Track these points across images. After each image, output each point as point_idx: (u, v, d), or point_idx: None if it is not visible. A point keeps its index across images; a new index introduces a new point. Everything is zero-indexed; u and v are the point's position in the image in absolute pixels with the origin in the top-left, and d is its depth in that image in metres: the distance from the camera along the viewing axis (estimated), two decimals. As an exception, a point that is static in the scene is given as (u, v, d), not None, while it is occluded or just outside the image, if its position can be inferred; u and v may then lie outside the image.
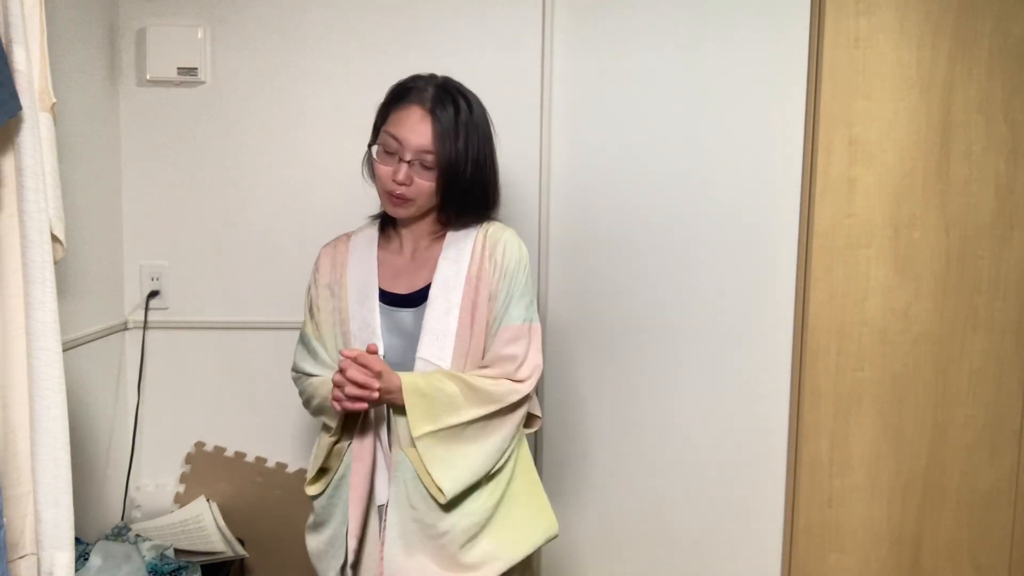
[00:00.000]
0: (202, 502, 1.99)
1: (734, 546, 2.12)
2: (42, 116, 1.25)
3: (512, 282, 1.44)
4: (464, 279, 1.43)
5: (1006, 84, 2.00)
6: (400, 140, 1.37)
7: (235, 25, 1.95)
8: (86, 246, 1.79)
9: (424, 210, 1.44)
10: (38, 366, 1.20)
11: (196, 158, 1.98)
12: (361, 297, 1.46)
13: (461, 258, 1.45)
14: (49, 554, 1.22)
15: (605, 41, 2.00)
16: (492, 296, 1.43)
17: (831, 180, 2.02)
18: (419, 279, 1.47)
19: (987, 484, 2.09)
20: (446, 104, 1.38)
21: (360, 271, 1.49)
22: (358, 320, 1.45)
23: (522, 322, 1.44)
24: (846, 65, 1.99)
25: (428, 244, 1.50)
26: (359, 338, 1.44)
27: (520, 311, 1.44)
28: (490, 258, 1.44)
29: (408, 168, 1.37)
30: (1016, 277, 2.05)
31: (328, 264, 1.53)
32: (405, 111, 1.38)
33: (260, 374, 2.02)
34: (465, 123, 1.38)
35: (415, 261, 1.49)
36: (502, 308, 1.43)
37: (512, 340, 1.42)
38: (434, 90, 1.39)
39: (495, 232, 1.48)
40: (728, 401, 2.08)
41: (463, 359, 1.42)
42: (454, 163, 1.37)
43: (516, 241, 1.48)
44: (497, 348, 1.42)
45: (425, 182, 1.39)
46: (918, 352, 2.06)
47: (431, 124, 1.36)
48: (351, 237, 1.56)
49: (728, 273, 2.05)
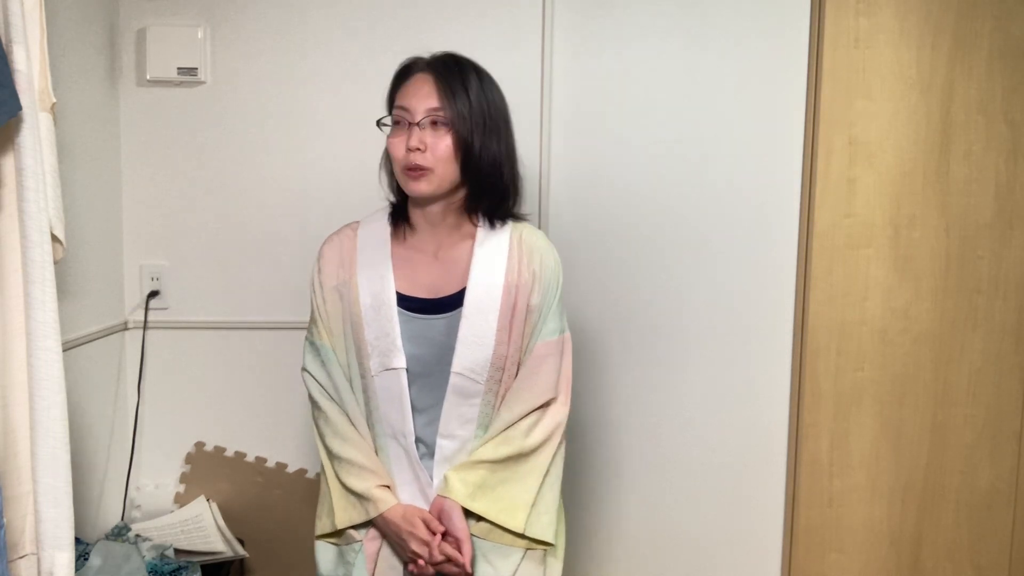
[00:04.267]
0: (202, 502, 1.99)
1: (734, 546, 2.12)
2: (42, 116, 1.25)
3: (551, 295, 1.37)
4: (503, 287, 1.33)
5: (1006, 84, 2.00)
6: (407, 107, 1.28)
7: (235, 25, 1.95)
8: (86, 246, 1.79)
9: (445, 187, 1.31)
10: (38, 366, 1.20)
11: (196, 158, 1.98)
12: (376, 302, 1.34)
13: (496, 262, 1.35)
14: (49, 554, 1.21)
15: (605, 41, 2.00)
16: (529, 308, 1.35)
17: (831, 180, 2.02)
18: (447, 282, 1.35)
19: (987, 484, 2.09)
20: (450, 66, 1.31)
21: (373, 271, 1.36)
22: (374, 329, 1.33)
23: (557, 336, 1.38)
24: (846, 65, 1.99)
25: (454, 243, 1.37)
26: (377, 348, 1.32)
27: (555, 324, 1.38)
28: (528, 266, 1.35)
29: (419, 132, 1.27)
30: (1016, 277, 2.05)
31: (335, 262, 1.39)
32: (409, 81, 1.31)
33: (260, 374, 2.02)
34: (475, 87, 1.30)
35: (440, 261, 1.37)
36: (539, 323, 1.36)
37: (547, 356, 1.36)
38: (435, 57, 1.33)
39: (531, 237, 1.39)
40: (728, 401, 2.08)
41: (500, 372, 1.34)
42: (465, 119, 1.27)
43: (553, 251, 1.41)
44: (533, 367, 1.35)
45: (440, 143, 1.27)
46: (918, 352, 2.06)
47: (435, 83, 1.28)
48: (357, 229, 1.42)
49: (728, 273, 2.05)
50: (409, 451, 1.34)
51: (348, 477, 1.34)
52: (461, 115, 1.27)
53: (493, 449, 1.33)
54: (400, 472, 1.36)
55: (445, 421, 1.34)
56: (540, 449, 1.35)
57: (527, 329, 1.35)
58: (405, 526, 1.30)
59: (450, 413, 1.34)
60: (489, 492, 1.32)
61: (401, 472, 1.36)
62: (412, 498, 1.35)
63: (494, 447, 1.33)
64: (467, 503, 1.31)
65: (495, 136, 1.32)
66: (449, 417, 1.34)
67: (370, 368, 1.33)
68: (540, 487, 1.35)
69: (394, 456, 1.36)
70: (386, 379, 1.33)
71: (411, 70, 1.32)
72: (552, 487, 1.38)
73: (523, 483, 1.34)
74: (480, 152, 1.29)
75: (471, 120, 1.28)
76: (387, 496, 1.33)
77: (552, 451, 1.37)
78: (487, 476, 1.32)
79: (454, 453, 1.35)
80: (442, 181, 1.30)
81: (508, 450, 1.33)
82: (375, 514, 1.32)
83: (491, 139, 1.31)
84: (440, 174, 1.29)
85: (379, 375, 1.33)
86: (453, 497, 1.31)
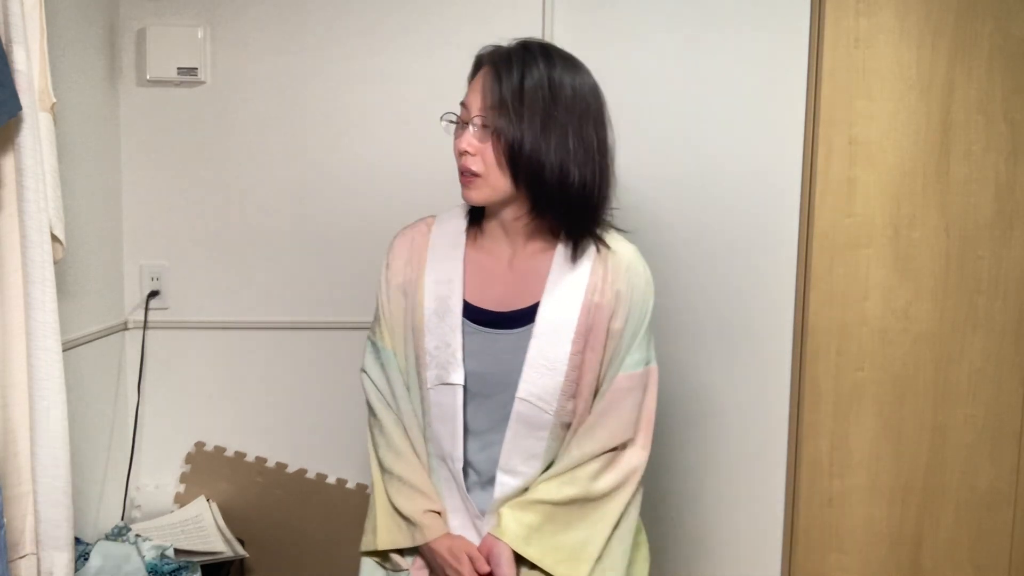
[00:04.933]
0: (202, 502, 1.99)
1: (734, 546, 2.12)
2: (42, 116, 1.25)
3: (638, 321, 1.21)
4: (581, 305, 1.18)
5: (1006, 84, 2.00)
6: (466, 104, 1.17)
7: (235, 25, 1.95)
8: (86, 246, 1.78)
9: (497, 196, 1.17)
10: (38, 366, 1.20)
11: (196, 158, 1.98)
12: (441, 308, 1.21)
13: (577, 277, 1.19)
14: (49, 554, 1.22)
15: (604, 40, 2.00)
16: (610, 333, 1.19)
17: (831, 180, 2.02)
18: (520, 295, 1.21)
19: (987, 484, 2.09)
20: (511, 57, 1.14)
21: (441, 273, 1.23)
22: (435, 337, 1.20)
23: (643, 368, 1.22)
24: (846, 65, 1.99)
25: (531, 252, 1.23)
26: (436, 359, 1.20)
27: (641, 354, 1.22)
28: (611, 285, 1.20)
29: (470, 133, 1.14)
30: (1016, 277, 2.05)
31: (403, 259, 1.26)
32: (476, 75, 1.19)
33: (260, 374, 2.02)
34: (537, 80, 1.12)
35: (514, 271, 1.23)
36: (622, 352, 1.21)
37: (629, 391, 1.21)
38: (509, 47, 1.17)
39: (620, 252, 1.23)
40: (728, 401, 2.08)
41: (571, 403, 1.20)
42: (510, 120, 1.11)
43: (645, 270, 1.25)
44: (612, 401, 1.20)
45: (488, 147, 1.13)
46: (918, 352, 2.06)
47: (489, 76, 1.14)
48: (432, 226, 1.28)
49: (728, 273, 2.05)
50: (456, 477, 1.23)
51: (398, 497, 1.24)
52: (504, 115, 1.11)
53: (556, 488, 1.19)
54: (449, 497, 1.25)
55: (507, 454, 1.21)
56: (611, 496, 1.21)
57: (606, 356, 1.20)
58: (451, 561, 1.20)
59: (514, 446, 1.20)
60: (547, 538, 1.19)
61: (451, 497, 1.25)
62: (463, 526, 1.23)
63: (557, 486, 1.19)
64: (520, 547, 1.17)
65: (559, 138, 1.13)
66: (512, 450, 1.20)
67: (426, 380, 1.22)
68: (608, 539, 1.20)
69: (443, 479, 1.25)
70: (441, 394, 1.21)
71: (480, 62, 1.20)
72: (622, 541, 1.22)
73: (589, 532, 1.19)
74: (537, 157, 1.12)
75: (523, 120, 1.11)
76: (436, 524, 1.22)
77: (625, 500, 1.22)
78: (545, 519, 1.19)
79: (516, 492, 1.22)
80: (493, 190, 1.16)
81: (572, 491, 1.18)
82: (421, 542, 1.22)
83: (550, 142, 1.12)
84: (492, 182, 1.15)
85: (434, 389, 1.21)
86: (505, 539, 1.17)
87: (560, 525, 1.19)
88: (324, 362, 2.02)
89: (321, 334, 2.02)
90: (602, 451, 1.21)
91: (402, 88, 1.96)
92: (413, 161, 1.97)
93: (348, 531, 2.02)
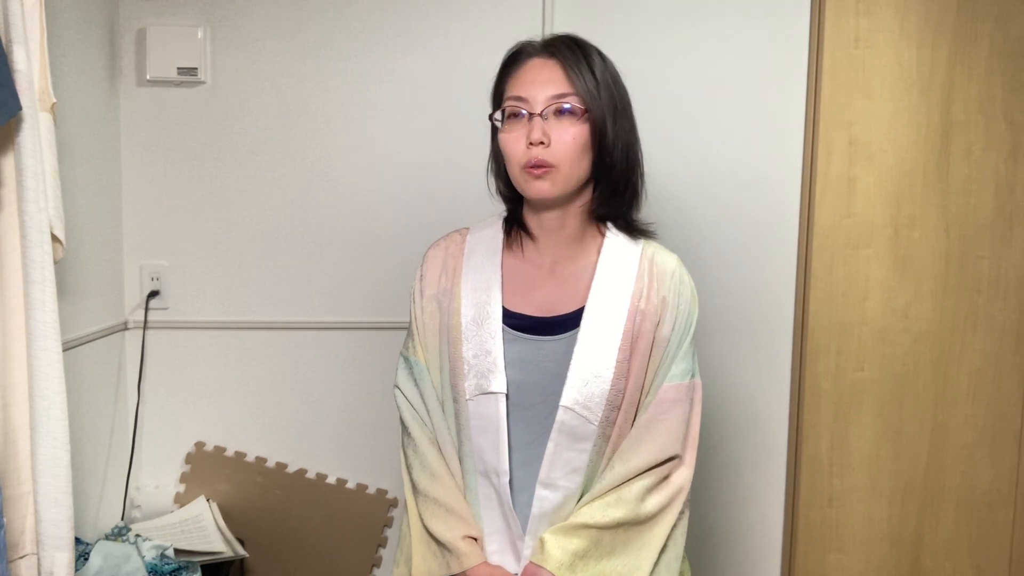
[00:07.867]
0: (202, 502, 1.99)
1: (734, 546, 2.12)
2: (42, 116, 1.25)
3: (683, 330, 1.19)
4: (627, 311, 1.16)
5: (1006, 84, 2.00)
6: (525, 96, 1.13)
7: (235, 25, 1.95)
8: (86, 246, 1.79)
9: (571, 186, 1.15)
10: (38, 366, 1.20)
11: (196, 158, 1.98)
12: (479, 315, 1.17)
13: (623, 281, 1.17)
14: (49, 554, 1.22)
15: (604, 41, 1.97)
16: (656, 341, 1.17)
17: (831, 180, 2.02)
18: (563, 300, 1.18)
19: (987, 484, 2.09)
20: (572, 47, 1.16)
21: (479, 281, 1.20)
22: (474, 345, 1.16)
23: (688, 379, 1.19)
24: (846, 65, 1.99)
25: (575, 256, 1.21)
26: (475, 368, 1.16)
27: (687, 365, 1.19)
28: (657, 292, 1.18)
29: (542, 123, 1.11)
30: (1016, 277, 2.05)
31: (437, 269, 1.24)
32: (522, 68, 1.16)
33: (260, 374, 2.02)
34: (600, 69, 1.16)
35: (556, 275, 1.20)
36: (668, 361, 1.17)
37: (675, 402, 1.17)
38: (552, 39, 1.18)
39: (664, 260, 1.22)
40: (728, 401, 2.08)
41: (615, 412, 1.16)
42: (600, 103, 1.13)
43: (689, 280, 1.23)
44: (657, 412, 1.16)
45: (567, 131, 1.12)
46: (918, 352, 2.06)
47: (559, 66, 1.13)
48: (467, 236, 1.26)
49: (728, 273, 2.05)
50: (502, 493, 1.17)
51: (433, 521, 1.18)
52: (594, 97, 1.12)
53: (602, 511, 1.14)
54: (490, 518, 1.19)
55: (548, 467, 1.16)
56: (658, 518, 1.16)
57: (651, 365, 1.17)
58: None
59: (556, 457, 1.15)
60: (592, 565, 1.13)
61: (491, 518, 1.19)
62: (501, 550, 1.18)
63: (603, 508, 1.14)
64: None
65: (627, 124, 1.18)
66: (554, 462, 1.16)
67: (464, 390, 1.17)
68: (655, 565, 1.15)
69: (483, 497, 1.19)
70: (482, 404, 1.16)
71: (523, 55, 1.18)
72: (669, 567, 1.18)
73: (635, 557, 1.14)
74: (614, 141, 1.15)
75: (605, 105, 1.14)
76: (473, 551, 1.17)
77: (671, 521, 1.18)
78: (591, 544, 1.13)
79: (555, 508, 1.17)
80: (568, 180, 1.14)
81: (619, 514, 1.13)
82: (457, 570, 1.16)
83: (623, 127, 1.17)
84: (566, 172, 1.13)
85: (474, 399, 1.16)
86: (548, 566, 1.12)
87: (605, 551, 1.14)
88: (324, 362, 2.02)
89: (321, 334, 2.02)
90: (648, 467, 1.16)
91: (402, 88, 1.96)
92: (413, 161, 1.97)
93: (348, 531, 2.02)
